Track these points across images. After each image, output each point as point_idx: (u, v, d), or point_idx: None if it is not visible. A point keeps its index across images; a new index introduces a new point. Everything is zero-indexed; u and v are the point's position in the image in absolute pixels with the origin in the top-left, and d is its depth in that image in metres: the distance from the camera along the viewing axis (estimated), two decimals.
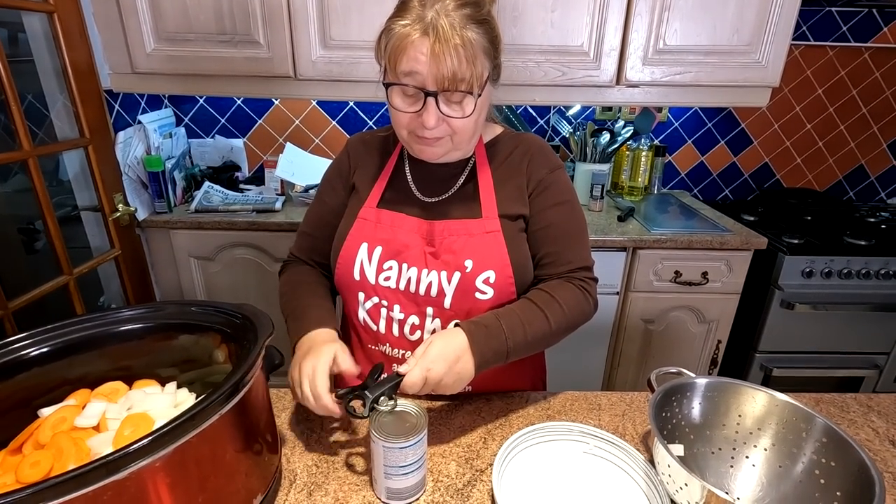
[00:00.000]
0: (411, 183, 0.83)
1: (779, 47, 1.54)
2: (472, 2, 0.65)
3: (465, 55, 0.63)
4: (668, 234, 1.62)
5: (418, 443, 0.61)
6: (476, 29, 0.65)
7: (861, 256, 1.66)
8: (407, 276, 0.78)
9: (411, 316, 0.79)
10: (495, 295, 0.76)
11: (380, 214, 0.81)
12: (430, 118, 0.68)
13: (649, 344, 1.77)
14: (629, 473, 0.68)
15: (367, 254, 0.79)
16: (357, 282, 0.80)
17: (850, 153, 2.13)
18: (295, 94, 1.60)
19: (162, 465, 0.46)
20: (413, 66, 0.64)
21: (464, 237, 0.77)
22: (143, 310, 0.66)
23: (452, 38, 0.62)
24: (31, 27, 1.37)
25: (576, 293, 0.79)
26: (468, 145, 0.78)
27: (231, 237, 1.67)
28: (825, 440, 0.62)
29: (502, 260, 0.76)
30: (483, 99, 0.71)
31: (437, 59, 0.63)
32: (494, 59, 0.70)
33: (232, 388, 0.51)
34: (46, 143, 1.47)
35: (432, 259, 0.77)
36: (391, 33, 0.65)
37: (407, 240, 0.78)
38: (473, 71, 0.65)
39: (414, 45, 0.63)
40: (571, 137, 1.93)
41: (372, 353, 0.85)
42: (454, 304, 0.77)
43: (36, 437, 0.54)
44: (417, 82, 0.66)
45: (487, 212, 0.78)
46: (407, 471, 0.61)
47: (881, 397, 0.87)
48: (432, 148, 0.74)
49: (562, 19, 1.51)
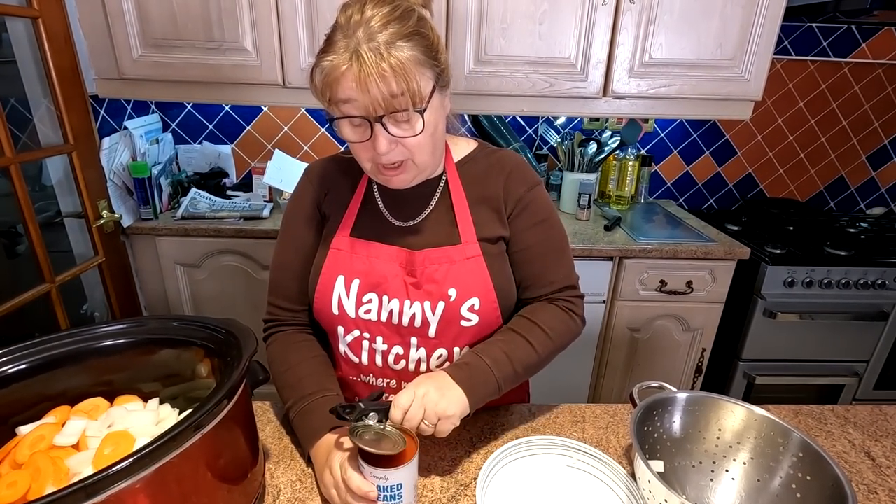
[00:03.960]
0: (382, 208, 0.81)
1: (761, 62, 1.57)
2: (396, 17, 0.63)
3: (395, 76, 0.61)
4: (653, 244, 1.64)
5: (402, 469, 0.59)
6: (404, 44, 0.62)
7: (841, 267, 1.70)
8: (389, 309, 0.76)
9: (395, 346, 0.78)
10: (481, 321, 0.75)
11: (354, 244, 0.78)
12: (382, 143, 0.66)
13: (635, 352, 1.79)
14: (611, 487, 0.68)
15: (345, 287, 0.76)
16: (336, 316, 0.77)
17: (831, 164, 2.18)
18: (283, 101, 1.60)
19: (143, 486, 0.46)
20: (346, 94, 0.63)
21: (445, 265, 0.75)
22: (125, 325, 0.65)
23: (378, 64, 0.60)
24: (14, 31, 1.35)
25: (559, 315, 0.79)
26: (433, 162, 0.75)
27: (218, 244, 1.66)
28: (801, 455, 0.63)
29: (485, 286, 0.75)
30: (434, 112, 0.68)
31: (366, 86, 0.61)
32: (436, 67, 0.67)
33: (216, 406, 0.51)
34: (30, 149, 1.45)
35: (414, 290, 0.75)
36: (320, 69, 0.64)
37: (385, 270, 0.76)
38: (408, 88, 0.62)
39: (343, 75, 0.62)
40: (559, 147, 1.95)
41: (357, 384, 0.83)
42: (439, 333, 0.76)
43: (13, 456, 0.54)
44: (358, 110, 0.64)
45: (466, 236, 0.77)
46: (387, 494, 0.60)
47: (858, 409, 0.89)
48: (399, 176, 0.71)
49: (549, 31, 1.53)
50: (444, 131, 0.76)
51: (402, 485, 0.60)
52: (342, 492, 0.62)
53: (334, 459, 0.64)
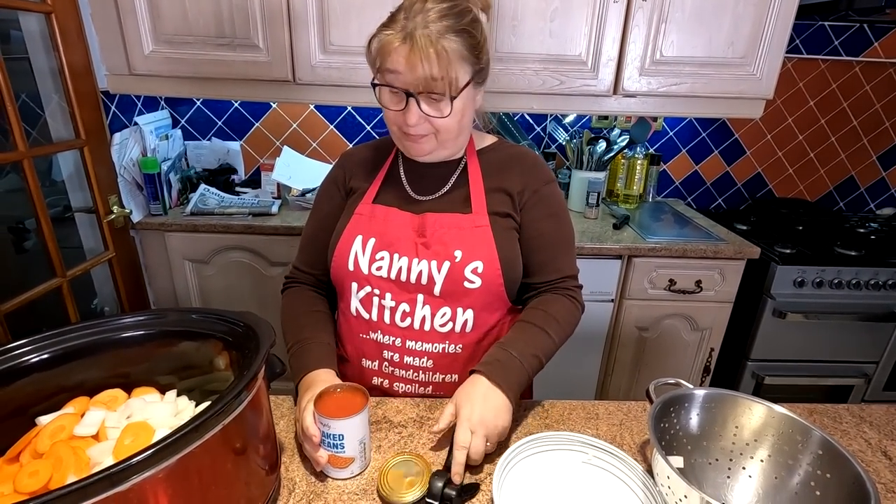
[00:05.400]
0: (405, 183, 0.89)
1: (773, 60, 1.56)
2: (453, 14, 0.71)
3: (439, 63, 0.70)
4: (663, 243, 1.64)
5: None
6: (454, 38, 0.70)
7: (851, 267, 1.69)
8: (398, 266, 0.82)
9: (402, 304, 0.83)
10: (483, 285, 0.80)
11: (374, 209, 0.86)
12: (411, 116, 0.75)
13: (643, 351, 1.78)
14: (627, 484, 0.68)
15: (361, 246, 0.84)
16: (351, 272, 0.84)
17: (841, 164, 2.17)
18: (293, 98, 1.60)
19: (164, 476, 0.46)
20: (394, 66, 0.72)
21: (454, 230, 0.82)
22: (144, 316, 0.65)
23: (426, 48, 0.69)
24: (27, 27, 1.36)
25: (567, 305, 0.86)
26: (454, 144, 0.83)
27: (226, 240, 1.66)
28: (821, 452, 0.63)
29: (490, 252, 0.81)
30: (464, 101, 0.76)
31: (413, 65, 0.70)
32: (477, 64, 0.75)
33: (236, 398, 0.51)
34: (41, 144, 1.45)
35: (423, 249, 0.82)
36: (377, 39, 0.73)
37: (399, 232, 0.83)
38: (447, 75, 0.71)
39: (396, 50, 0.71)
40: (568, 145, 1.94)
41: (364, 342, 0.87)
42: (444, 293, 0.81)
43: (34, 445, 0.54)
44: (400, 82, 0.73)
45: (477, 208, 0.83)
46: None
47: (873, 408, 0.88)
48: (419, 145, 0.79)
49: (560, 29, 1.52)
50: (470, 120, 0.83)
51: (343, 436, 0.66)
52: (298, 424, 0.71)
53: (305, 397, 0.73)
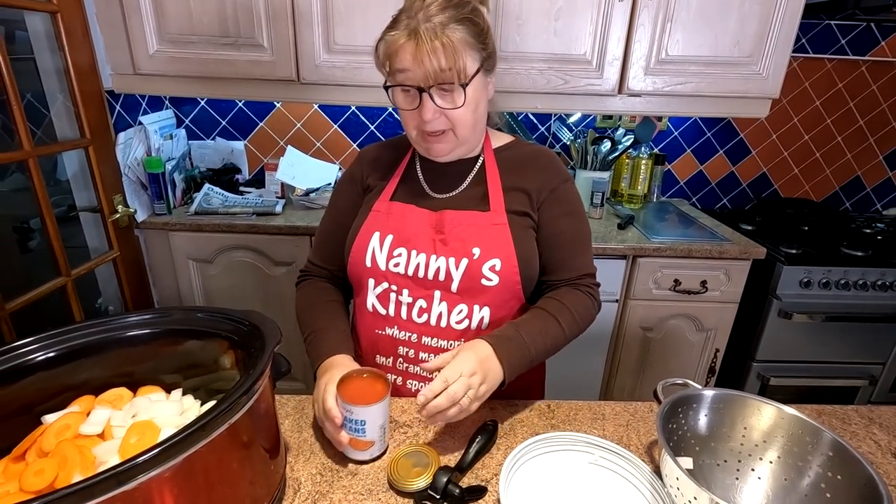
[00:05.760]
0: (423, 180, 0.89)
1: (779, 59, 1.55)
2: (452, 5, 0.73)
3: (446, 54, 0.72)
4: (667, 243, 1.63)
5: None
6: (457, 27, 0.72)
7: (858, 267, 1.68)
8: (416, 262, 0.82)
9: (419, 300, 0.83)
10: (500, 283, 0.80)
11: (391, 206, 0.86)
12: (427, 111, 0.76)
13: (648, 352, 1.77)
14: (634, 484, 0.68)
15: (379, 242, 0.84)
16: (368, 269, 0.84)
17: (847, 164, 2.16)
18: (298, 97, 1.60)
19: (170, 475, 0.45)
20: (403, 64, 0.73)
21: (472, 227, 0.82)
22: (150, 315, 0.65)
23: (432, 41, 0.71)
24: (32, 26, 1.36)
25: (583, 299, 0.85)
26: (471, 139, 0.83)
27: (230, 240, 1.66)
28: (831, 454, 0.62)
29: (508, 250, 0.81)
30: (476, 90, 0.77)
31: (420, 59, 0.72)
32: (483, 50, 0.77)
33: (242, 397, 0.50)
34: (46, 143, 1.45)
35: (441, 246, 0.82)
36: (384, 41, 0.76)
37: (416, 229, 0.84)
38: (455, 64, 0.72)
39: (402, 48, 0.73)
40: (572, 145, 1.94)
41: (379, 338, 0.87)
42: (461, 289, 0.81)
43: (39, 444, 0.54)
44: (411, 80, 0.74)
45: (495, 206, 0.84)
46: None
47: (882, 409, 0.88)
48: (438, 144, 0.81)
49: (565, 28, 1.52)
50: (484, 111, 0.84)
51: (364, 421, 0.68)
52: (319, 406, 0.72)
53: (324, 380, 0.74)
